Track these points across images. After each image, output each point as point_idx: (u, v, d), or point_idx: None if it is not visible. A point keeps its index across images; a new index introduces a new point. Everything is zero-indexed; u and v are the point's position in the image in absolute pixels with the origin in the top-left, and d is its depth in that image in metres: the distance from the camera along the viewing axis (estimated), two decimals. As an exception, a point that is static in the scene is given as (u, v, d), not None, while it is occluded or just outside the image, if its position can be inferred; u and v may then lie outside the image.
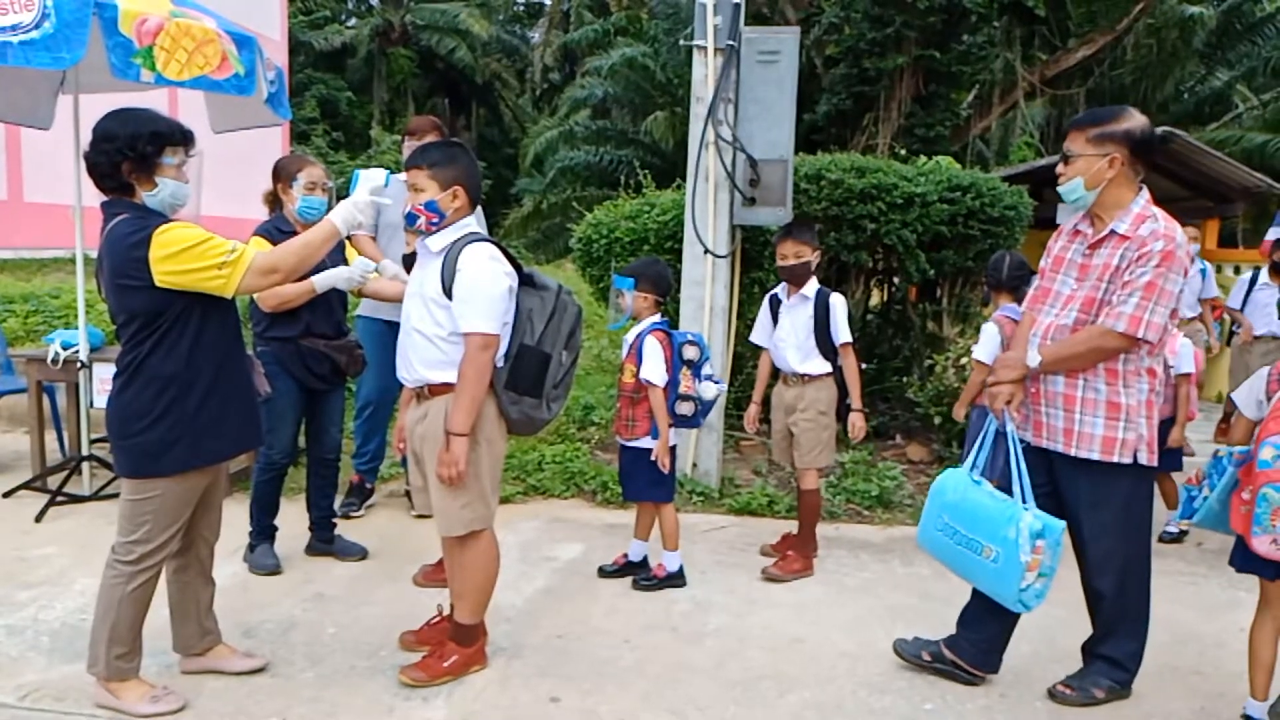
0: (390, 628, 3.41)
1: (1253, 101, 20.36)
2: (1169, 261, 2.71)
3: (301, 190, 3.81)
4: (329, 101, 23.97)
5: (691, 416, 3.88)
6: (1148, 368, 2.83)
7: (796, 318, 4.16)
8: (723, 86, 5.07)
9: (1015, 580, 2.79)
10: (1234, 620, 3.78)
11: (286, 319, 3.80)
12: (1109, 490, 2.88)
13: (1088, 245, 2.89)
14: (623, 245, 5.62)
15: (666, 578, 3.92)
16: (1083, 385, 2.85)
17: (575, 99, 20.71)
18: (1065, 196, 2.88)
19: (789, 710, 2.96)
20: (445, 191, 2.89)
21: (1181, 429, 4.67)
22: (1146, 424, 2.84)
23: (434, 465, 2.89)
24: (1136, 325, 2.72)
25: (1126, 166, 2.79)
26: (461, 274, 2.82)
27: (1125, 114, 2.81)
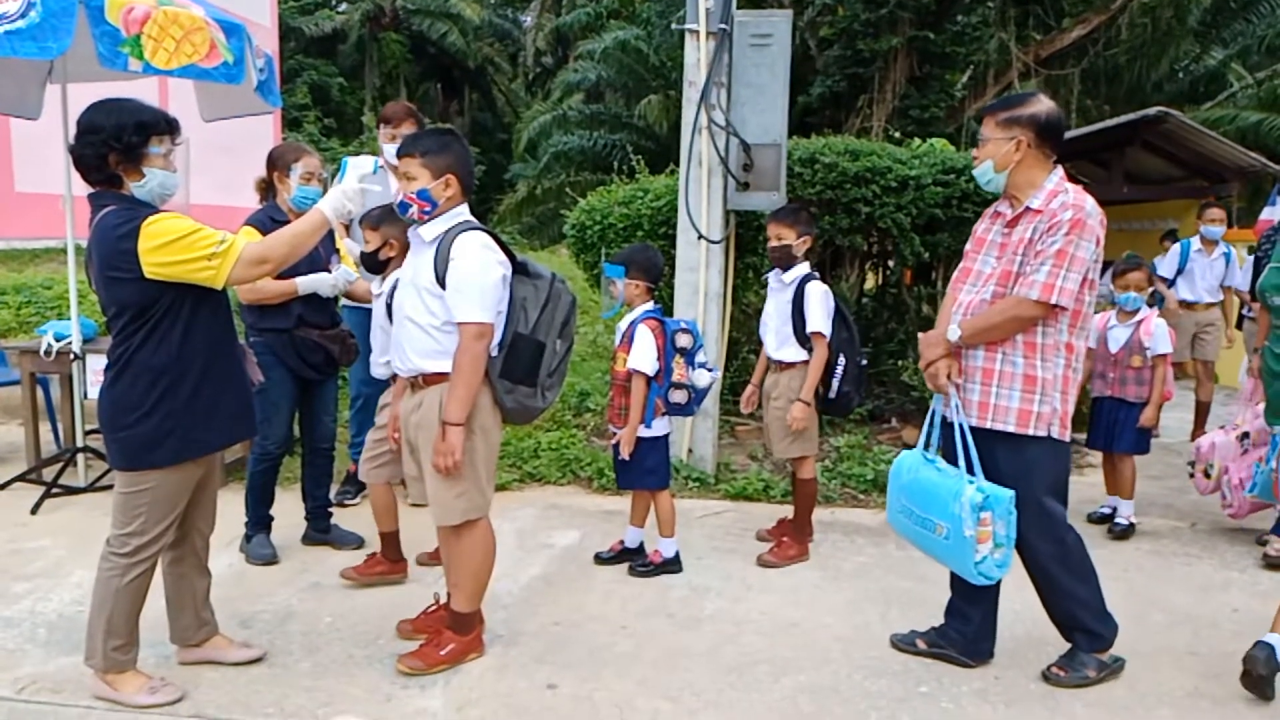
0: (387, 616, 3.42)
1: (1247, 80, 20.31)
2: (1078, 229, 2.76)
3: (298, 180, 3.80)
4: (320, 88, 23.82)
5: (685, 404, 3.87)
6: (1066, 342, 2.86)
7: (778, 302, 4.13)
8: (715, 71, 5.04)
9: (968, 554, 2.88)
10: (1227, 601, 3.80)
11: (279, 310, 3.79)
12: (1023, 461, 2.90)
13: (1005, 224, 2.96)
14: (616, 231, 5.60)
15: (662, 564, 3.93)
16: (1001, 359, 2.88)
17: (568, 83, 20.63)
18: (978, 179, 2.98)
19: (784, 694, 2.98)
20: (438, 180, 2.88)
21: (1156, 410, 4.61)
22: (1062, 399, 2.87)
23: (429, 455, 2.89)
24: (1050, 292, 2.76)
25: (1034, 149, 2.87)
26: (455, 263, 2.81)
27: (1033, 100, 2.92)
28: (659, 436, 3.87)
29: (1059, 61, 16.46)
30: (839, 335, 4.04)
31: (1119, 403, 4.63)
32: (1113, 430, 4.64)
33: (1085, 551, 3.04)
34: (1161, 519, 4.87)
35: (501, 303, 2.91)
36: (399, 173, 2.93)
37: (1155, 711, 2.92)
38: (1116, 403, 4.64)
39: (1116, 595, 3.83)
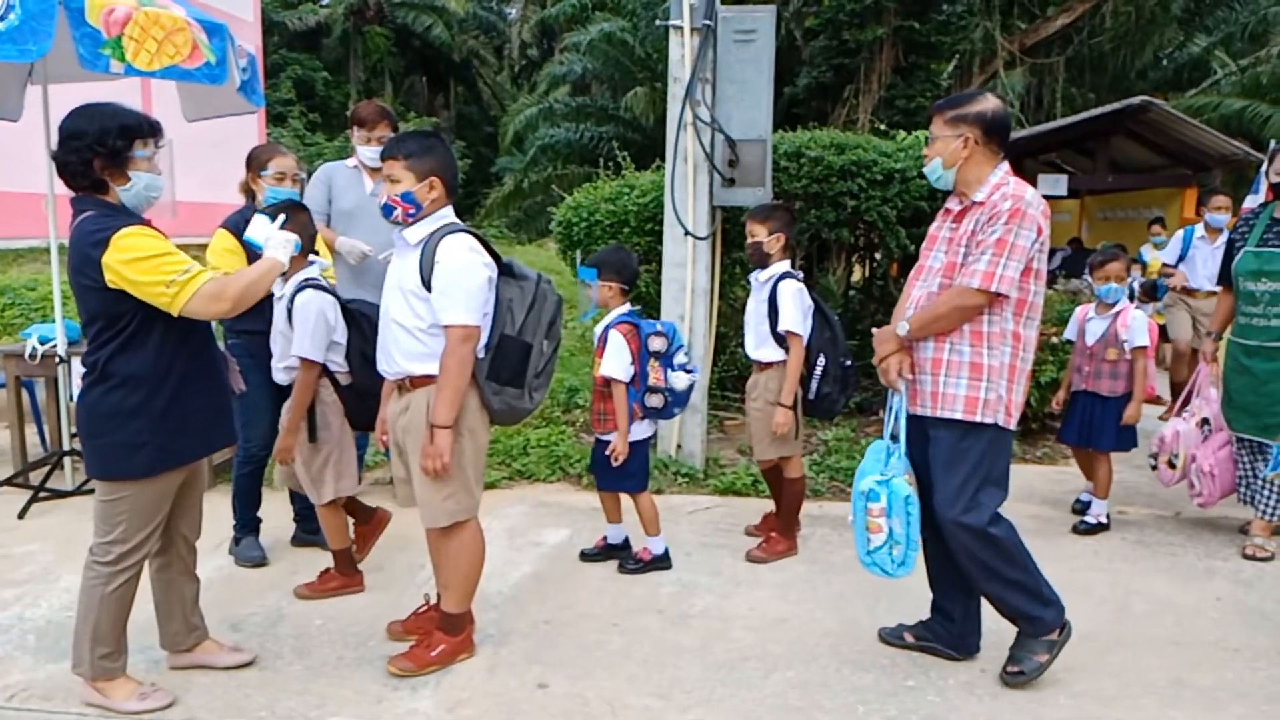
0: (377, 618, 3.43)
1: (1231, 67, 20.39)
2: (1017, 218, 2.78)
3: (270, 180, 3.78)
4: (305, 82, 23.69)
5: (663, 408, 3.85)
6: (1013, 331, 2.88)
7: (756, 301, 4.12)
8: (700, 67, 5.04)
9: (862, 540, 2.98)
10: (1210, 590, 3.85)
11: (255, 312, 3.76)
12: (965, 447, 2.91)
13: (953, 219, 3.00)
14: (603, 228, 5.61)
15: (652, 560, 3.95)
16: (949, 348, 2.91)
17: (554, 75, 20.57)
18: (928, 176, 3.00)
19: (773, 690, 3.00)
20: (422, 183, 2.88)
21: (1138, 405, 4.51)
22: (1008, 387, 2.88)
23: (417, 457, 2.90)
24: (990, 280, 2.79)
25: (981, 145, 2.90)
26: (440, 266, 2.81)
27: (979, 98, 2.95)
28: (637, 441, 3.85)
29: (1044, 50, 16.52)
30: (820, 335, 4.01)
31: (1093, 397, 4.56)
32: (1090, 426, 4.57)
33: (1018, 538, 3.01)
34: (1146, 508, 4.91)
35: (487, 304, 2.91)
36: (380, 175, 2.93)
37: (1139, 701, 2.96)
38: (1091, 397, 4.57)
39: (1101, 585, 3.90)
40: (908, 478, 2.99)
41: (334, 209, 4.62)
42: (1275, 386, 4.10)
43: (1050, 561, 4.13)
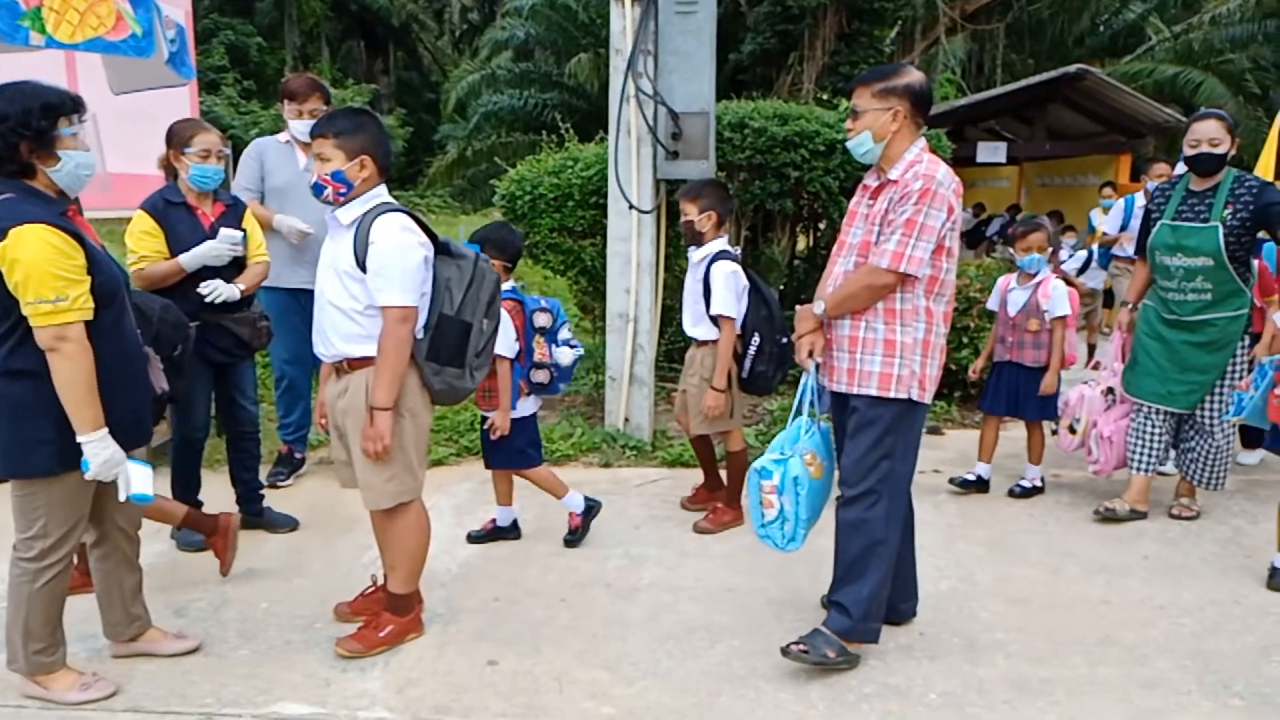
0: (325, 600, 3.42)
1: (1165, 34, 20.76)
2: (926, 198, 2.80)
3: (195, 158, 3.69)
4: (238, 48, 22.97)
5: (549, 384, 3.82)
6: (925, 308, 2.90)
7: (692, 279, 4.11)
8: (641, 38, 5.01)
9: (756, 514, 3.06)
10: (1139, 549, 4.00)
11: (178, 294, 3.69)
12: (872, 416, 2.94)
13: (870, 195, 3.00)
14: (547, 201, 5.56)
15: (585, 514, 3.98)
16: (864, 326, 2.93)
17: (496, 40, 20.25)
18: (854, 150, 2.98)
19: (718, 659, 3.07)
20: (352, 161, 2.83)
21: (1055, 375, 4.54)
22: (922, 362, 2.91)
23: (357, 440, 2.88)
24: (899, 260, 2.81)
25: (908, 119, 2.90)
26: (375, 246, 2.78)
27: (905, 70, 2.94)
28: (525, 417, 3.84)
29: (984, 16, 16.66)
30: (756, 314, 4.02)
31: (1017, 368, 4.59)
32: (1016, 396, 4.62)
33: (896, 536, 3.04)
34: (1079, 471, 5.05)
35: (425, 284, 2.88)
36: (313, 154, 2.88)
37: (1069, 659, 3.07)
38: (1015, 368, 4.60)
39: (1035, 547, 4.03)
40: (807, 457, 3.02)
41: (267, 186, 4.54)
42: (1190, 356, 4.14)
43: (987, 525, 4.30)
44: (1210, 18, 19.89)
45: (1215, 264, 3.99)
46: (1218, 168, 4.07)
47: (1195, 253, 4.04)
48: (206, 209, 3.82)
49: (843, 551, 3.05)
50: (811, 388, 3.08)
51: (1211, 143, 4.02)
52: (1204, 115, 4.20)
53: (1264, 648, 3.14)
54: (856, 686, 2.90)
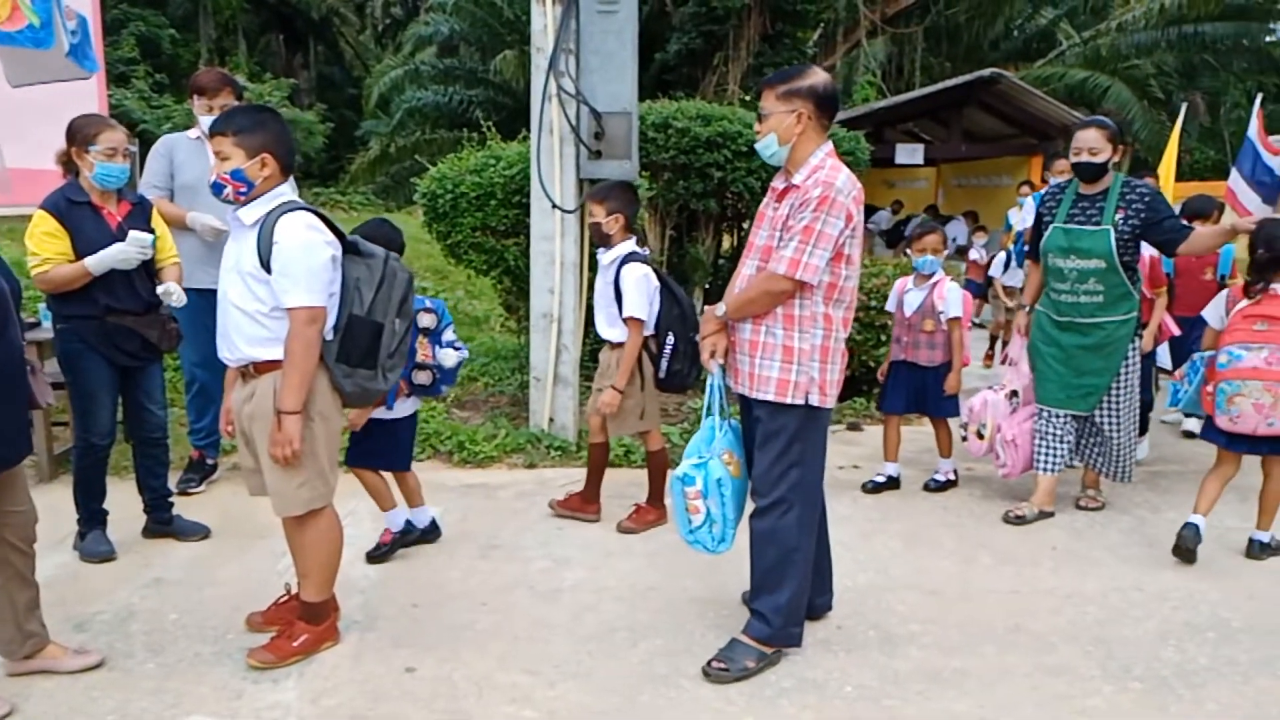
0: (237, 609, 3.32)
1: (1075, 39, 21.48)
2: (824, 205, 2.79)
3: (100, 156, 3.55)
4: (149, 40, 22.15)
5: (431, 385, 3.74)
6: (824, 314, 2.90)
7: (603, 282, 4.08)
8: (563, 37, 4.99)
9: (683, 521, 3.08)
10: (1047, 540, 4.13)
11: (82, 296, 3.56)
12: (777, 426, 2.95)
13: (776, 198, 2.99)
14: (469, 200, 5.49)
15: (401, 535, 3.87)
16: (764, 331, 2.94)
17: (420, 36, 19.99)
18: (762, 152, 2.97)
19: (640, 659, 3.07)
20: (253, 160, 2.76)
21: (957, 375, 4.62)
22: (821, 368, 2.91)
23: (265, 445, 2.80)
24: (795, 268, 2.81)
25: (813, 121, 2.89)
26: (279, 246, 2.71)
27: (810, 71, 2.93)
28: (402, 418, 3.75)
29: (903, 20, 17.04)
30: (669, 313, 4.00)
31: (913, 367, 4.66)
32: (914, 394, 4.69)
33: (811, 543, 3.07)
34: (992, 465, 5.20)
35: (333, 284, 2.82)
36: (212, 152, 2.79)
37: (981, 649, 3.16)
38: (910, 367, 4.67)
39: (949, 539, 4.14)
40: (725, 457, 3.04)
41: (176, 183, 4.40)
42: (1084, 360, 4.25)
43: (904, 519, 4.39)
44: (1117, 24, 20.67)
45: (1107, 266, 4.11)
46: (1098, 175, 4.18)
47: (1089, 255, 4.13)
48: (112, 208, 3.68)
49: (758, 561, 3.06)
50: (719, 387, 3.09)
51: (1091, 151, 4.13)
52: (1086, 124, 4.31)
53: (1162, 632, 3.27)
54: (775, 682, 2.94)
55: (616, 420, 4.09)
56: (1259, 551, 3.91)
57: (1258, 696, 2.87)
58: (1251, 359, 3.64)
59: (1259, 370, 3.62)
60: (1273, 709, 2.80)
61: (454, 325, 3.90)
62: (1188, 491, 4.71)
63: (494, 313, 8.87)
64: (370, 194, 20.02)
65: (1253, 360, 3.64)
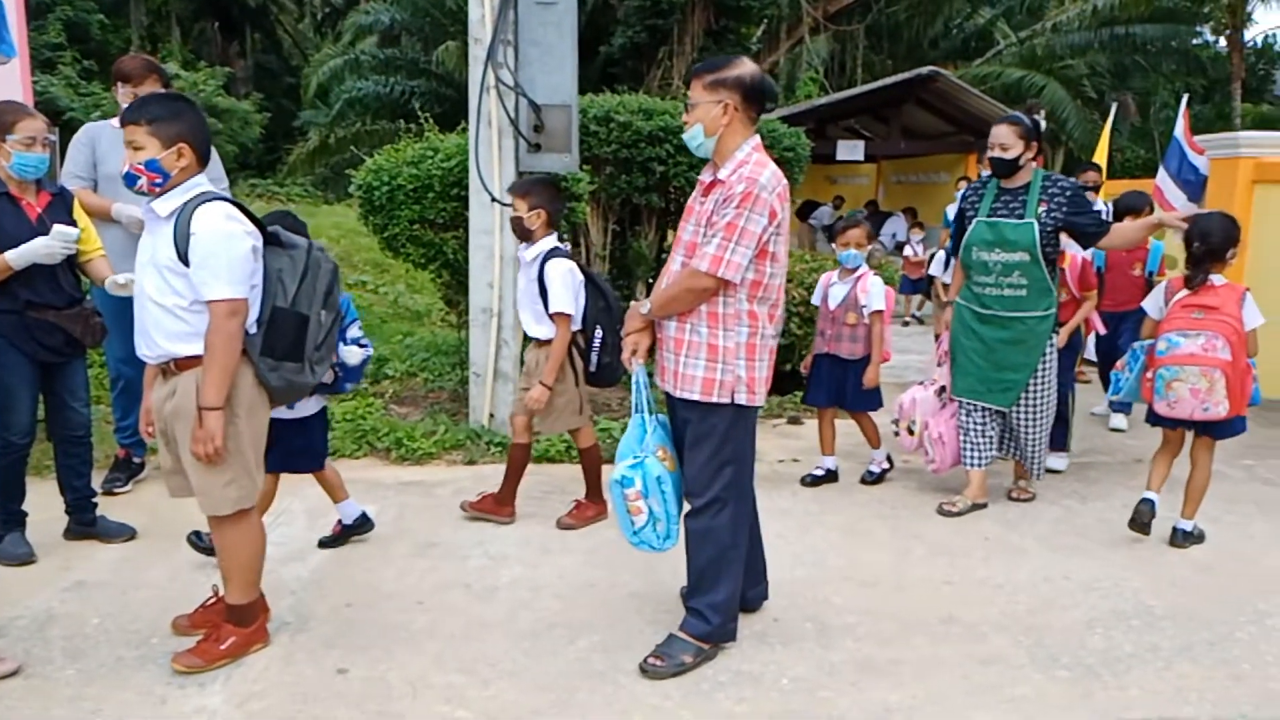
0: (162, 612, 3.23)
1: (1012, 39, 21.92)
2: (747, 202, 2.75)
3: (19, 145, 3.41)
4: (78, 25, 21.40)
5: (333, 383, 3.61)
6: (749, 311, 2.87)
7: (526, 279, 4.04)
8: (501, 28, 4.93)
9: (626, 523, 3.07)
10: (980, 531, 4.21)
11: (3, 292, 3.43)
12: (706, 427, 2.94)
13: (702, 192, 2.95)
14: (406, 193, 5.40)
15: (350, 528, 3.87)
16: (689, 329, 2.90)
17: (360, 25, 19.66)
18: (689, 143, 2.94)
19: (577, 655, 3.05)
20: (169, 150, 2.67)
21: (876, 368, 4.65)
22: (747, 366, 2.89)
23: (187, 443, 2.72)
24: (717, 265, 2.77)
25: (740, 112, 2.85)
26: (197, 237, 2.63)
27: (738, 62, 2.88)
28: (306, 417, 3.64)
29: (845, 18, 17.23)
30: (595, 307, 3.98)
31: (835, 360, 4.69)
32: (840, 388, 4.71)
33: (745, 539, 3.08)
34: (927, 457, 5.29)
35: (255, 276, 2.75)
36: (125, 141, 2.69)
37: (914, 640, 3.20)
38: (832, 360, 4.70)
39: (884, 531, 4.19)
40: (660, 453, 3.02)
41: (100, 173, 4.27)
42: (1005, 354, 4.31)
43: (841, 512, 4.45)
44: (1052, 25, 21.15)
45: (1031, 259, 4.18)
46: (1010, 171, 4.24)
47: (1014, 247, 4.19)
48: (31, 199, 3.55)
49: (694, 560, 3.06)
50: (643, 384, 3.07)
51: (1002, 147, 4.20)
52: (1000, 120, 4.36)
53: (1089, 621, 3.35)
54: (711, 676, 2.94)
55: (549, 418, 4.05)
56: (1182, 540, 4.02)
57: (1178, 681, 2.95)
58: (1189, 345, 3.76)
59: (1195, 356, 3.74)
60: (1192, 693, 2.88)
61: (360, 321, 3.80)
62: (1115, 483, 4.88)
63: (435, 307, 8.76)
64: (309, 186, 19.65)
65: (1190, 347, 3.76)
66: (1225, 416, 3.78)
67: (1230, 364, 3.72)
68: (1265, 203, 6.93)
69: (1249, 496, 4.69)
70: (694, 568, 3.06)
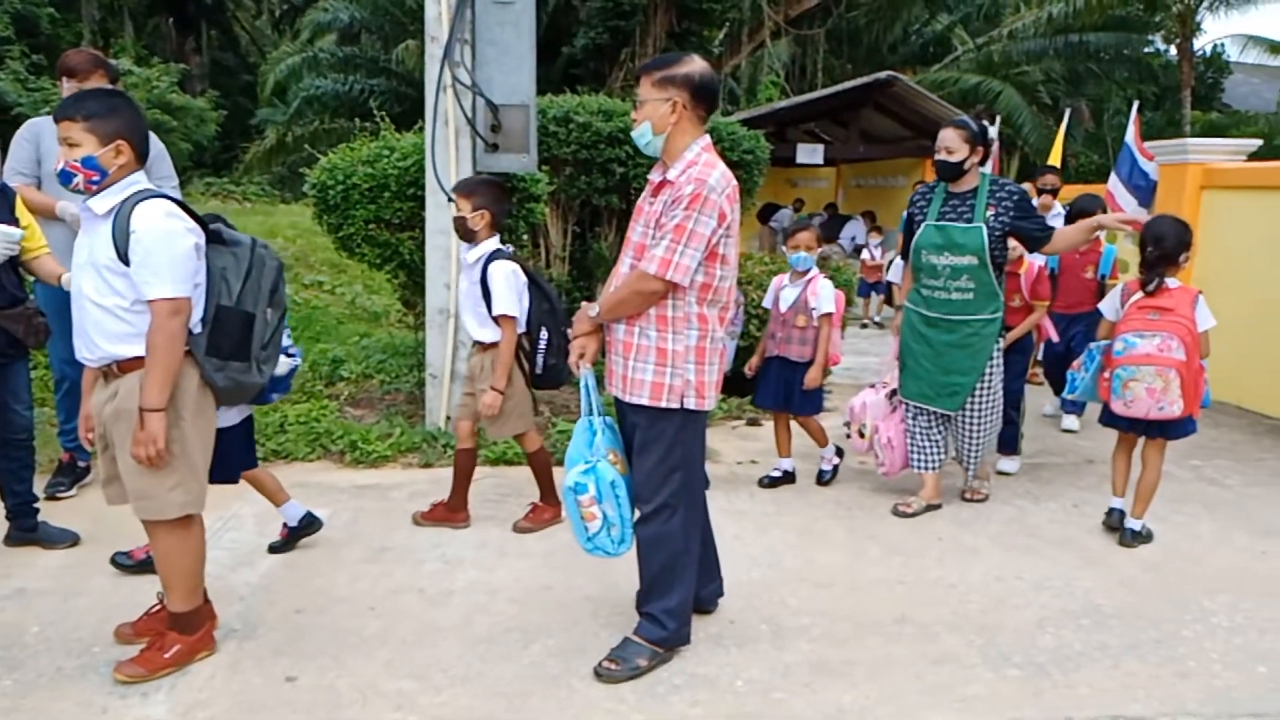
0: (105, 620, 3.15)
1: (969, 45, 22.22)
2: (696, 203, 2.71)
3: None
4: (26, 19, 20.88)
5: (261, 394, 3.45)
6: (698, 314, 2.83)
7: (469, 282, 3.97)
8: (458, 27, 4.89)
9: (580, 530, 3.03)
10: (934, 531, 4.24)
11: None
12: (656, 432, 2.90)
13: (652, 192, 2.90)
14: (361, 192, 5.33)
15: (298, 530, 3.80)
16: (638, 332, 2.86)
17: (319, 23, 19.40)
18: (637, 141, 2.89)
19: (531, 660, 3.03)
20: (106, 146, 2.60)
21: (819, 370, 4.61)
22: (697, 369, 2.86)
23: (127, 447, 2.64)
24: (666, 268, 2.73)
25: (689, 111, 2.80)
26: (136, 236, 2.56)
27: (688, 59, 2.84)
28: (231, 427, 3.37)
29: (806, 22, 17.35)
30: (539, 309, 3.94)
31: (784, 362, 4.68)
32: (788, 391, 4.70)
33: (697, 543, 3.07)
34: (884, 459, 5.32)
35: (198, 274, 2.68)
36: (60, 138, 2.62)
37: (868, 640, 3.21)
38: (782, 362, 4.68)
39: (840, 531, 4.21)
40: (612, 457, 3.00)
41: (44, 170, 4.16)
42: (952, 358, 4.30)
43: (798, 513, 4.46)
44: (1009, 32, 21.48)
45: (979, 263, 4.21)
46: (956, 174, 4.28)
47: (963, 251, 4.21)
48: (-30, 198, 3.45)
49: (646, 566, 3.04)
50: (592, 387, 3.04)
51: (947, 150, 4.24)
52: (947, 124, 4.39)
53: (1040, 620, 3.39)
54: (667, 679, 2.93)
55: (499, 422, 4.00)
56: (1131, 540, 4.09)
57: (1125, 679, 2.99)
58: (1145, 345, 3.84)
59: (1151, 356, 3.82)
60: (1139, 691, 2.93)
61: (289, 329, 3.71)
62: (1067, 483, 4.95)
63: (393, 308, 8.67)
64: (266, 185, 19.38)
65: (1146, 347, 3.83)
66: (1179, 416, 3.86)
67: (1185, 364, 3.80)
68: (1212, 208, 7.09)
69: (1196, 496, 4.78)
70: (646, 574, 3.05)
